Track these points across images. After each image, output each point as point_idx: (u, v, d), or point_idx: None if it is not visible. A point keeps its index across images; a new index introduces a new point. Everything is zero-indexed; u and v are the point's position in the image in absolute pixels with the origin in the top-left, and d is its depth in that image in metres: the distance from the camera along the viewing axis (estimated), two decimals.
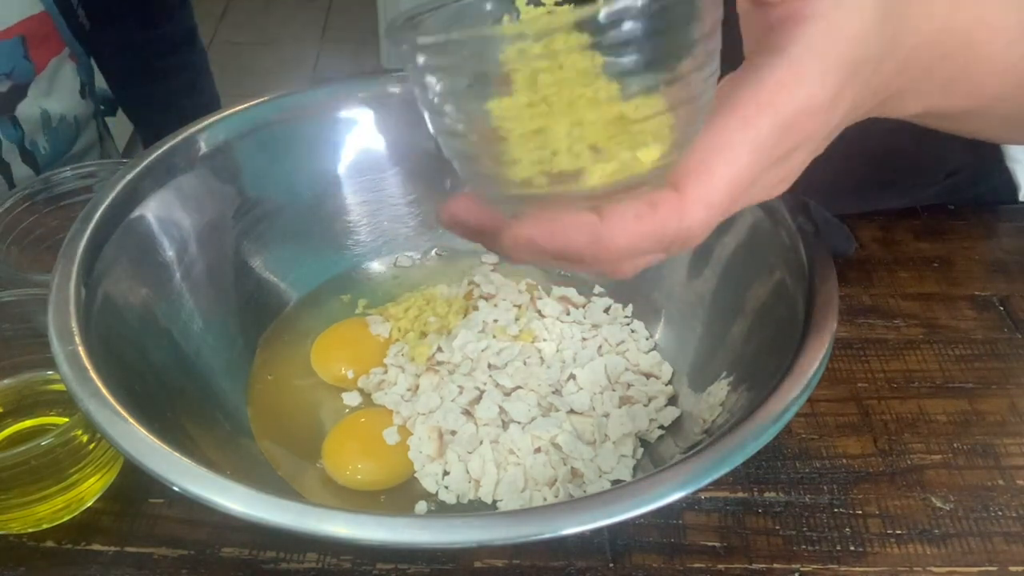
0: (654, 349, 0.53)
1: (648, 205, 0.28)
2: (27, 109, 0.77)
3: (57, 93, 0.80)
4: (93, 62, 0.89)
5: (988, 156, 0.68)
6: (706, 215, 0.28)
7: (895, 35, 0.32)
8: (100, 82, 0.93)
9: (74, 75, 0.83)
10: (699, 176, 0.28)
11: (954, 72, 0.36)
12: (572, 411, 0.49)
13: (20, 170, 0.78)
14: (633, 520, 0.33)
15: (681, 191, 0.28)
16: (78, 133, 0.85)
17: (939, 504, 0.46)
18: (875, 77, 0.32)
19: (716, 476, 0.34)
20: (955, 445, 0.49)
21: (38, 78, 0.77)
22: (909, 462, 0.48)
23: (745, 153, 0.28)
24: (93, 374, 0.37)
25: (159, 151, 0.50)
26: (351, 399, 0.51)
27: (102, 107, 0.93)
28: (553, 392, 0.50)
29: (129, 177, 0.47)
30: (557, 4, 0.30)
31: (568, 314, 0.54)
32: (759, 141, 0.28)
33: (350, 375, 0.52)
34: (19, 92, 0.76)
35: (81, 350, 0.38)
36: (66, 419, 0.42)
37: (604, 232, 0.28)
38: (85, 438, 0.43)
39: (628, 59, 0.26)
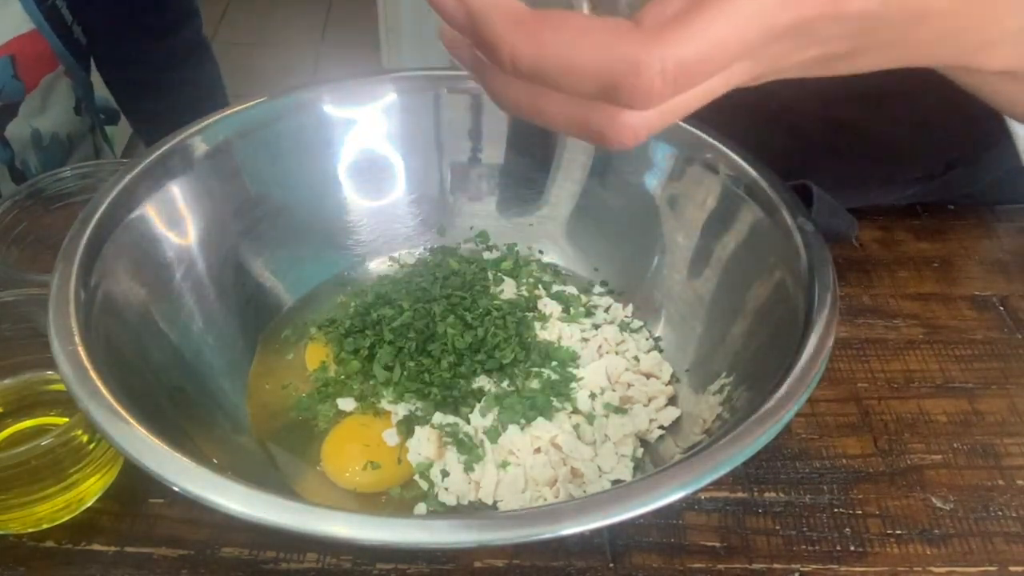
0: (654, 349, 0.53)
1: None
2: (17, 129, 0.76)
3: (50, 111, 0.79)
4: (93, 77, 0.87)
5: (986, 145, 0.68)
6: None
7: None
8: (100, 89, 0.91)
9: (69, 92, 0.81)
10: None
11: None
12: (572, 411, 0.49)
13: (9, 189, 0.76)
14: (633, 520, 0.33)
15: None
16: (71, 150, 0.83)
17: (939, 504, 0.46)
18: None
19: (716, 476, 0.34)
20: (955, 445, 0.49)
21: (29, 97, 0.76)
22: (909, 462, 0.48)
23: None
24: (93, 374, 0.37)
25: (159, 151, 0.50)
26: (346, 404, 0.50)
27: (102, 116, 0.91)
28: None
29: (129, 177, 0.47)
30: None
31: (568, 313, 0.54)
32: None
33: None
34: (8, 112, 0.75)
35: (81, 350, 0.38)
36: (66, 419, 0.42)
37: None
38: (85, 438, 0.43)
39: None
